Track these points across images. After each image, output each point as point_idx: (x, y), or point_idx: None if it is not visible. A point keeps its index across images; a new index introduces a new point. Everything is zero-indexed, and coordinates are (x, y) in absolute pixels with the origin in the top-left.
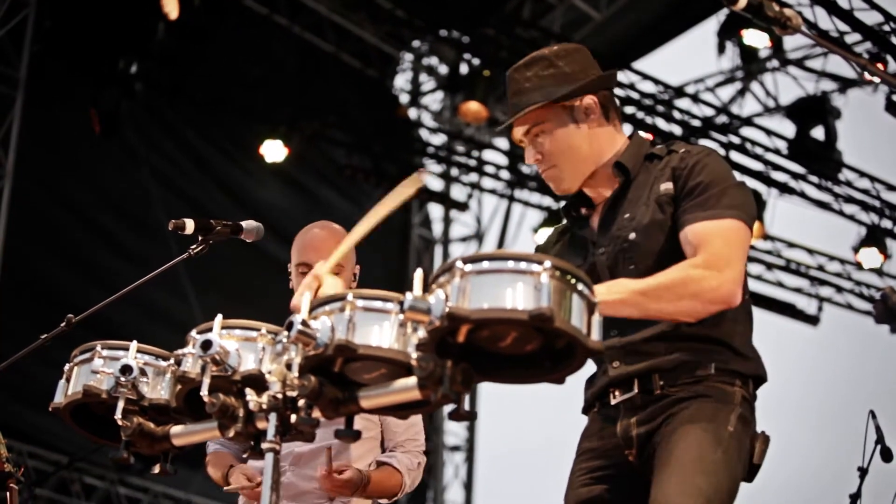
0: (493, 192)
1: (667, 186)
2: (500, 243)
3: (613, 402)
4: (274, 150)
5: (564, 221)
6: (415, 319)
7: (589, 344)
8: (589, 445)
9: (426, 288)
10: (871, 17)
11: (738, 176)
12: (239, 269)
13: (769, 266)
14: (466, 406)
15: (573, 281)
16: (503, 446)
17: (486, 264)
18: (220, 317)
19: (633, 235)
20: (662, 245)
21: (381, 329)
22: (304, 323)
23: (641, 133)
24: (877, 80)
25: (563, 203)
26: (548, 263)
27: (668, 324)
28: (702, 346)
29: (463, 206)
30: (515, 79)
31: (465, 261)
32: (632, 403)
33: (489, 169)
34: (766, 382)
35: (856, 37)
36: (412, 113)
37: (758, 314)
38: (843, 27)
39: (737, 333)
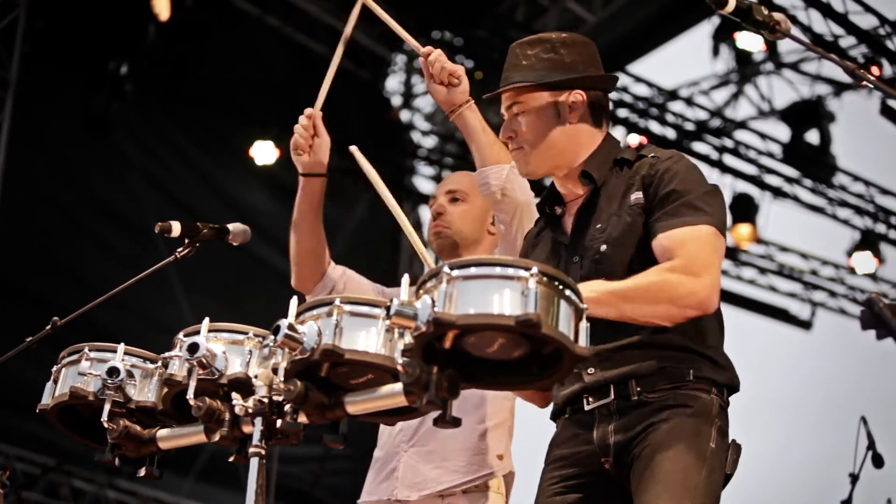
0: None
1: (637, 196)
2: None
3: (587, 407)
4: (265, 152)
5: (539, 219)
6: (401, 325)
7: (576, 350)
8: (560, 453)
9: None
10: (866, 21)
11: (730, 180)
12: (228, 271)
13: (762, 270)
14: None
15: (561, 287)
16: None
17: (473, 270)
18: (207, 320)
19: (604, 248)
20: (634, 256)
21: (368, 334)
22: (290, 327)
23: (620, 136)
24: (868, 85)
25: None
26: (535, 269)
27: (644, 333)
28: (677, 354)
29: None
30: (516, 53)
31: (452, 266)
32: (607, 410)
33: None
34: (738, 392)
35: (851, 40)
36: (404, 115)
37: (750, 319)
38: (838, 30)
39: (711, 343)
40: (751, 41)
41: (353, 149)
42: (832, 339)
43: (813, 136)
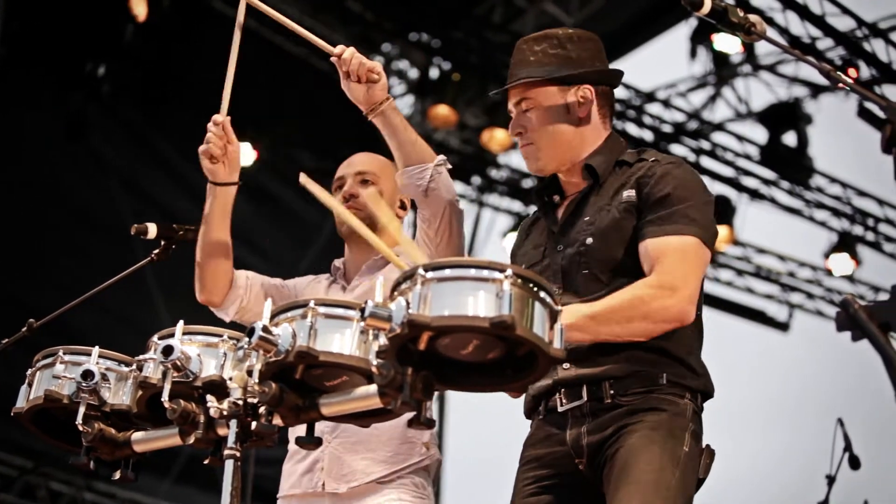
0: (462, 196)
1: (629, 194)
2: (470, 248)
3: (561, 409)
4: (242, 154)
5: (534, 207)
6: (376, 326)
7: (551, 352)
8: (535, 453)
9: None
10: (843, 23)
11: (708, 182)
12: None
13: (739, 272)
14: (431, 414)
15: (535, 289)
16: (471, 453)
17: (447, 271)
18: (181, 322)
19: (590, 241)
20: (619, 252)
21: (343, 336)
22: (265, 329)
23: (620, 137)
24: (845, 87)
25: (531, 207)
26: (509, 271)
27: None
28: (653, 357)
29: None
30: (522, 49)
31: (427, 268)
32: (580, 411)
33: (459, 173)
34: (712, 398)
35: (828, 42)
36: None
37: (727, 321)
38: (816, 32)
39: (688, 349)
40: (728, 43)
41: (304, 178)
42: (809, 341)
43: (790, 139)
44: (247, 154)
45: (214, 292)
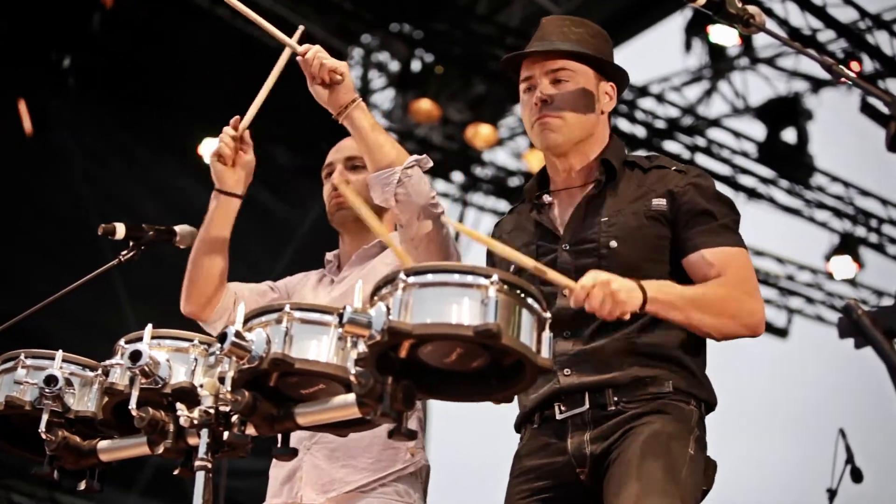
0: (445, 195)
1: (659, 203)
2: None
3: (560, 416)
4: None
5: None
6: (354, 333)
7: (538, 361)
8: (531, 464)
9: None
10: (845, 14)
11: None
12: (175, 276)
13: None
14: (411, 425)
15: (522, 295)
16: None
17: (430, 276)
18: (150, 326)
19: (613, 244)
20: (643, 259)
21: (320, 343)
22: (238, 334)
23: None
24: (848, 81)
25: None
26: (495, 277)
27: (625, 336)
28: (659, 363)
29: None
30: (557, 24)
31: (409, 272)
32: (581, 419)
33: (441, 171)
34: (714, 411)
35: (829, 34)
36: None
37: None
38: (816, 24)
39: (694, 358)
40: (725, 35)
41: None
42: (809, 348)
43: (790, 135)
44: None
45: (201, 305)
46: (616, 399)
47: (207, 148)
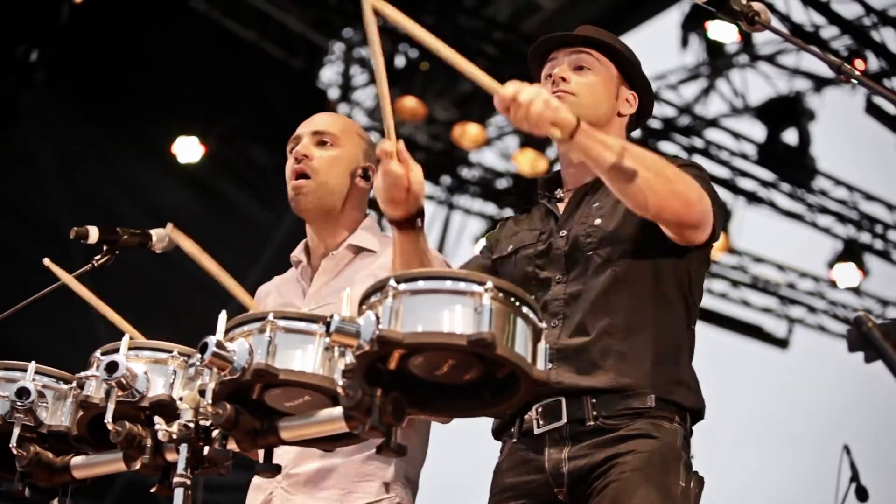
0: (430, 197)
1: None
2: (439, 252)
3: (538, 430)
4: (189, 149)
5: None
6: (342, 343)
7: (534, 374)
8: (510, 482)
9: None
10: (849, 10)
11: None
12: (149, 282)
13: (735, 283)
14: (398, 439)
15: (517, 303)
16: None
17: (421, 283)
18: (127, 336)
19: (598, 221)
20: (629, 233)
21: (305, 353)
22: (219, 345)
23: None
24: (852, 80)
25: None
26: (490, 284)
27: (607, 334)
28: (642, 367)
29: None
30: (592, 28)
31: (399, 279)
32: (559, 434)
33: (427, 172)
34: (703, 419)
35: (833, 31)
36: (342, 109)
37: (721, 336)
38: (820, 20)
39: (679, 356)
40: (724, 31)
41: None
42: (811, 359)
43: (791, 136)
44: (194, 149)
45: None
46: (595, 413)
47: (182, 147)
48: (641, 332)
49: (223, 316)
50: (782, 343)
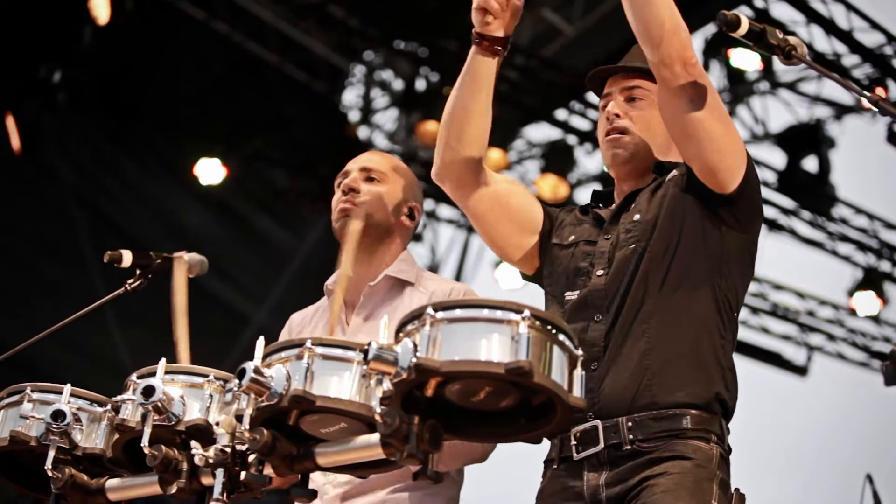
0: (451, 222)
1: (674, 173)
2: (458, 277)
3: (577, 457)
4: (210, 171)
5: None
6: (379, 370)
7: (570, 401)
8: None
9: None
10: (871, 38)
11: None
12: (165, 303)
13: (754, 310)
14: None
15: (554, 331)
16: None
17: (458, 312)
18: (163, 360)
19: (637, 216)
20: (666, 220)
21: (342, 380)
22: (257, 370)
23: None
24: (875, 109)
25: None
26: (527, 312)
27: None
28: (678, 376)
29: (416, 236)
30: (637, 51)
31: (436, 308)
32: (597, 459)
33: (447, 196)
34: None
35: (854, 59)
36: (363, 132)
37: (741, 363)
38: (841, 48)
39: (720, 359)
40: (746, 59)
41: None
42: (830, 387)
43: (811, 164)
44: (215, 171)
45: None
46: (631, 437)
47: (203, 169)
48: (677, 351)
49: (261, 341)
50: (801, 370)
